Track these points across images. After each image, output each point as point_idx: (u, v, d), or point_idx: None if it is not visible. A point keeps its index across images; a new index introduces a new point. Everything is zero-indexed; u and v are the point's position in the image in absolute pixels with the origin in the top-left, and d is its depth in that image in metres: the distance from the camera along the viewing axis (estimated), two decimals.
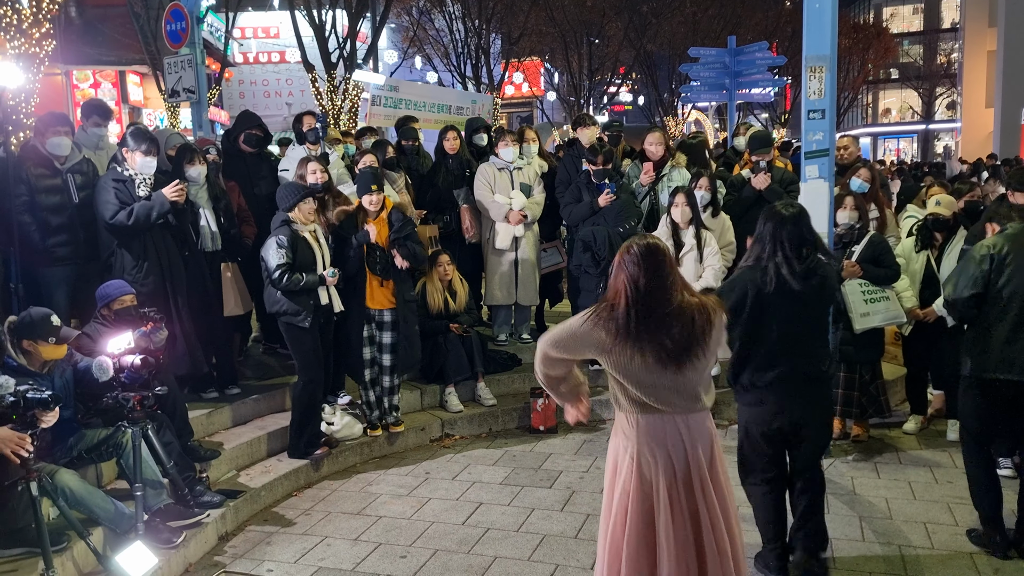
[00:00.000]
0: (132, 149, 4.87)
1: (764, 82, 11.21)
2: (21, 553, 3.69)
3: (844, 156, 6.76)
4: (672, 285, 2.74)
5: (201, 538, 4.23)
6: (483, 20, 22.70)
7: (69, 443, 4.04)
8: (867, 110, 46.25)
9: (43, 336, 3.82)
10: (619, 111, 35.18)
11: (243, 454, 5.14)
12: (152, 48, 15.59)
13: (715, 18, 26.33)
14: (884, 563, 3.93)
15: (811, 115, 5.10)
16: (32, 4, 8.43)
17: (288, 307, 4.94)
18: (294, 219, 4.98)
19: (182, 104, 13.41)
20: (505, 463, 5.44)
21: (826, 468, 5.08)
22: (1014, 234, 3.94)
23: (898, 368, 6.26)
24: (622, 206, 6.11)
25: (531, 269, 6.68)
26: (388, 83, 9.30)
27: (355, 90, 17.20)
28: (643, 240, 2.78)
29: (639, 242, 2.77)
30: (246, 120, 6.24)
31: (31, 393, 3.43)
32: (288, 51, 23.46)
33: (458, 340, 6.07)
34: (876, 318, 5.27)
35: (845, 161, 6.61)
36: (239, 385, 5.71)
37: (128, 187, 4.84)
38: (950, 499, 4.62)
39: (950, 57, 40.94)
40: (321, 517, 4.68)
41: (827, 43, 5.00)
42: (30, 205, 4.85)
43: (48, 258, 4.91)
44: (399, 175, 6.51)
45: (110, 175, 4.90)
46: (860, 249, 5.29)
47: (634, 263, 2.72)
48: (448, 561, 4.10)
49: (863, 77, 36.14)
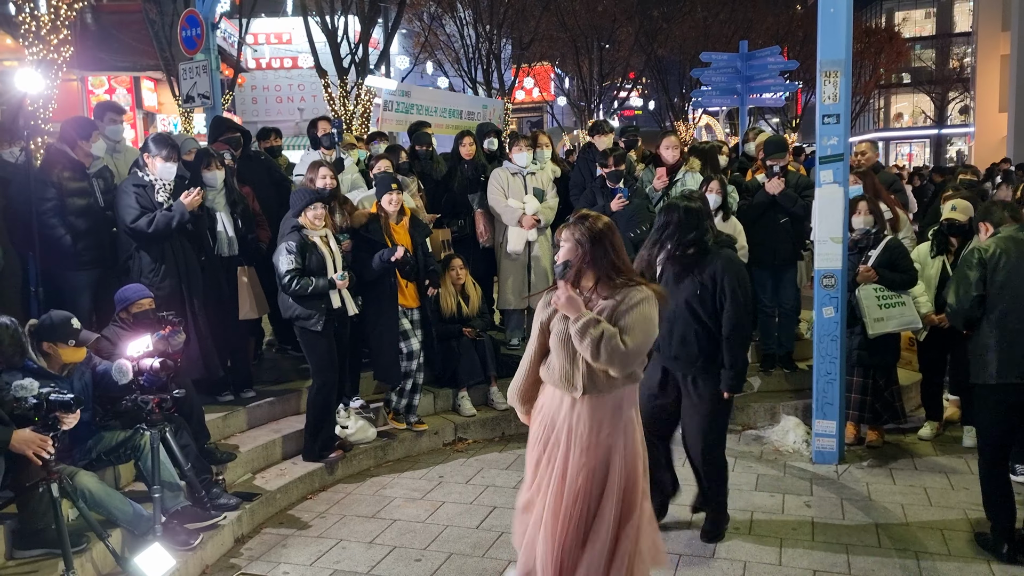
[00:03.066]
0: (153, 155, 4.94)
1: (776, 86, 11.20)
2: (42, 554, 3.73)
3: (862, 162, 6.74)
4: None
5: (218, 540, 4.26)
6: (494, 25, 22.75)
7: (88, 445, 4.07)
8: (879, 114, 46.03)
9: (63, 339, 3.86)
10: (629, 116, 35.18)
11: (258, 457, 5.17)
12: (167, 54, 15.72)
13: (726, 23, 26.29)
14: (900, 569, 3.92)
15: (826, 120, 5.09)
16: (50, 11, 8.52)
17: (301, 311, 4.97)
18: (303, 224, 5.01)
19: (196, 109, 13.51)
20: (518, 467, 5.44)
21: (841, 474, 5.08)
22: (1007, 236, 3.95)
23: (913, 373, 6.23)
24: (635, 210, 6.12)
25: (544, 273, 6.68)
26: (400, 88, 9.31)
27: (367, 95, 17.28)
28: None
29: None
30: (218, 126, 6.27)
31: (54, 395, 3.47)
32: (300, 57, 23.64)
33: (471, 344, 6.09)
34: (890, 323, 5.25)
35: (863, 167, 6.58)
36: (254, 388, 5.75)
37: (148, 192, 4.90)
38: (967, 505, 4.59)
39: (963, 61, 40.71)
40: (336, 520, 4.70)
41: (842, 47, 4.99)
42: (59, 209, 4.87)
43: (76, 262, 4.96)
44: (411, 180, 6.54)
45: (131, 180, 4.96)
46: (876, 254, 5.28)
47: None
48: (463, 564, 4.11)
49: (875, 81, 35.99)
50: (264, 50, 25.60)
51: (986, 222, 4.16)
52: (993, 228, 4.08)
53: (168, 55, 15.64)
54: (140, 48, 16.97)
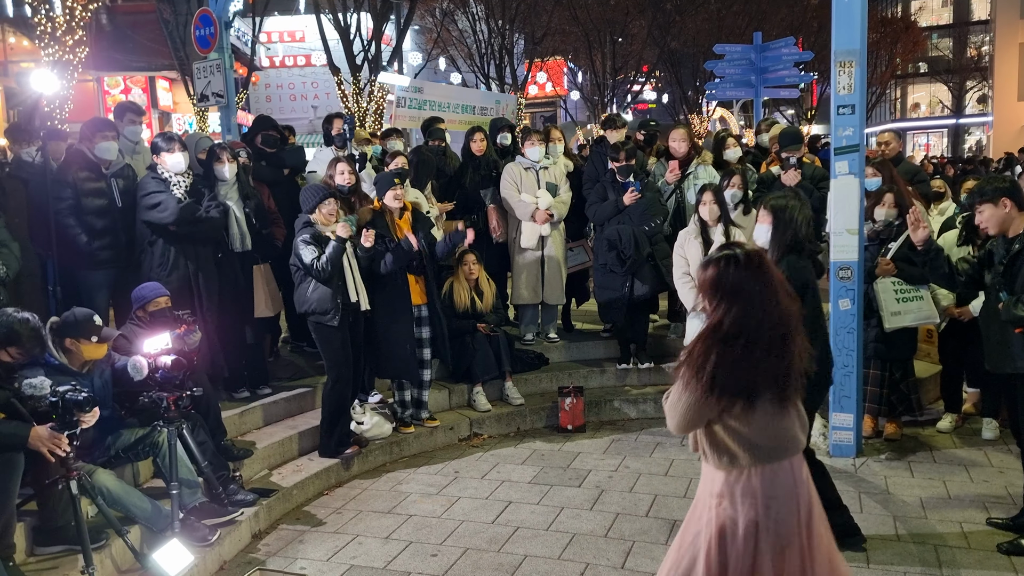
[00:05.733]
0: (161, 152, 5.01)
1: (791, 78, 11.12)
2: (62, 551, 3.77)
3: (885, 152, 6.67)
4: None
5: (235, 536, 4.29)
6: (506, 20, 22.71)
7: (107, 442, 4.12)
8: (895, 105, 45.51)
9: (86, 335, 3.90)
10: (643, 109, 35.02)
11: (275, 453, 5.20)
12: (181, 54, 15.83)
13: (739, 14, 26.08)
14: (919, 562, 3.88)
15: (841, 111, 5.04)
16: (66, 12, 8.59)
17: (317, 306, 4.98)
18: (315, 220, 5.03)
19: (211, 108, 13.59)
20: (534, 462, 5.44)
21: (858, 467, 5.05)
22: None
23: (932, 365, 6.17)
24: (647, 204, 6.10)
25: (557, 268, 6.68)
26: (413, 85, 9.33)
27: (380, 92, 17.32)
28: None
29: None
30: (262, 123, 6.51)
31: (70, 394, 3.50)
32: (314, 54, 23.72)
33: (485, 339, 6.09)
34: (907, 318, 5.20)
35: (887, 157, 6.51)
36: (270, 385, 5.79)
37: (167, 186, 4.96)
38: (986, 498, 4.54)
39: (980, 50, 40.16)
40: (352, 516, 4.72)
41: (857, 37, 4.94)
42: (75, 209, 4.94)
43: (91, 261, 5.01)
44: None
45: (150, 174, 5.05)
46: (896, 247, 5.21)
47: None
48: (479, 560, 4.12)
49: (891, 72, 35.60)
50: (277, 48, 25.70)
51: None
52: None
53: (182, 54, 15.75)
54: (155, 48, 17.11)
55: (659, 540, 4.24)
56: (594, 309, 6.87)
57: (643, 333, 6.55)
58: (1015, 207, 3.92)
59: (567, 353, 6.87)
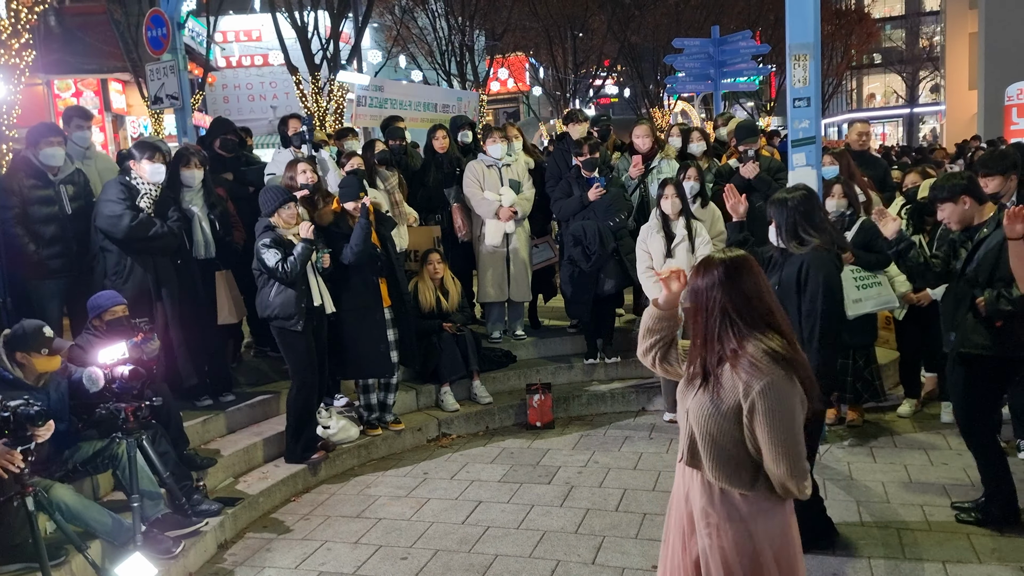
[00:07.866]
0: (139, 159, 4.90)
1: (749, 70, 11.24)
2: (19, 568, 3.66)
3: (861, 143, 6.79)
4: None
5: (200, 547, 4.21)
6: (466, 17, 22.61)
7: (64, 456, 4.01)
8: (851, 96, 46.37)
9: (36, 348, 3.80)
10: (605, 104, 35.16)
11: (240, 461, 5.12)
12: (134, 55, 15.47)
13: (698, 8, 26.30)
14: (883, 547, 3.95)
15: (796, 103, 5.11)
16: (10, 15, 8.34)
17: (280, 311, 4.90)
18: (275, 224, 4.95)
19: (166, 111, 13.32)
20: (503, 460, 5.44)
21: (822, 454, 5.12)
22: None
23: (890, 352, 6.29)
24: (612, 199, 6.12)
25: (523, 265, 6.67)
26: (373, 83, 9.27)
27: (340, 91, 17.13)
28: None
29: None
30: (220, 126, 6.37)
31: (21, 408, 3.41)
32: (271, 54, 23.32)
33: (452, 339, 6.06)
34: (868, 304, 5.28)
35: (864, 147, 6.62)
36: (233, 392, 5.69)
37: (132, 195, 4.84)
38: (946, 480, 4.65)
39: (932, 40, 41.05)
40: (320, 521, 4.67)
41: (811, 31, 5.01)
42: (22, 217, 4.81)
43: (42, 270, 4.89)
44: (392, 173, 6.45)
45: (118, 179, 4.92)
46: (851, 235, 5.29)
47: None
48: (449, 561, 4.10)
49: (847, 63, 36.18)
50: (233, 48, 25.25)
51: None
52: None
53: (135, 56, 15.39)
54: (106, 50, 16.69)
55: (629, 534, 4.25)
56: (561, 305, 6.88)
57: (609, 328, 6.58)
58: (975, 202, 4.00)
59: (534, 350, 6.87)
